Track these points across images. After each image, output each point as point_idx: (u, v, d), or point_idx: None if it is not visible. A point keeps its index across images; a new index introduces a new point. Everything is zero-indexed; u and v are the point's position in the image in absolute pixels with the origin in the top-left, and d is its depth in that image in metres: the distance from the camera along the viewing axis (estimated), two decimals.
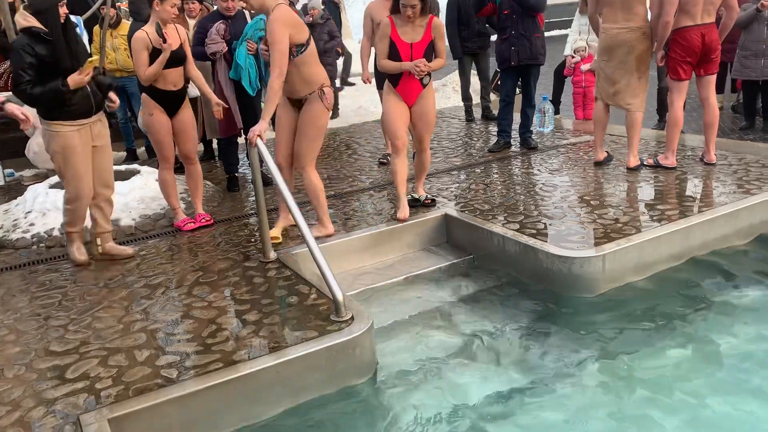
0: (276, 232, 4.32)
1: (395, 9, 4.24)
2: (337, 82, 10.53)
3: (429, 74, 4.35)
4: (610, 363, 3.15)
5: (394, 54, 4.29)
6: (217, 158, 6.94)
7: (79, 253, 4.20)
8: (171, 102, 4.46)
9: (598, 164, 5.58)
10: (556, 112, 8.24)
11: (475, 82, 8.54)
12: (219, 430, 2.73)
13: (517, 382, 3.06)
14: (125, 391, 2.67)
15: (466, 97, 8.13)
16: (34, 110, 3.91)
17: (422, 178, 4.84)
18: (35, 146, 6.26)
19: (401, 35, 4.26)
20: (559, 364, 3.18)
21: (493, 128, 7.11)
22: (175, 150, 4.69)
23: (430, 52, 4.32)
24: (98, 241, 4.25)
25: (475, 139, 7.14)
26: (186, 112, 4.59)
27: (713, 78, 5.18)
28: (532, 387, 3.02)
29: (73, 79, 3.74)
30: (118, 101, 4.19)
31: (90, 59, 3.82)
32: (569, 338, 3.39)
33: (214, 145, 6.96)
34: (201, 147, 6.98)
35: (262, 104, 6.62)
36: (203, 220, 4.80)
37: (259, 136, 3.77)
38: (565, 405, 2.88)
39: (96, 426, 2.45)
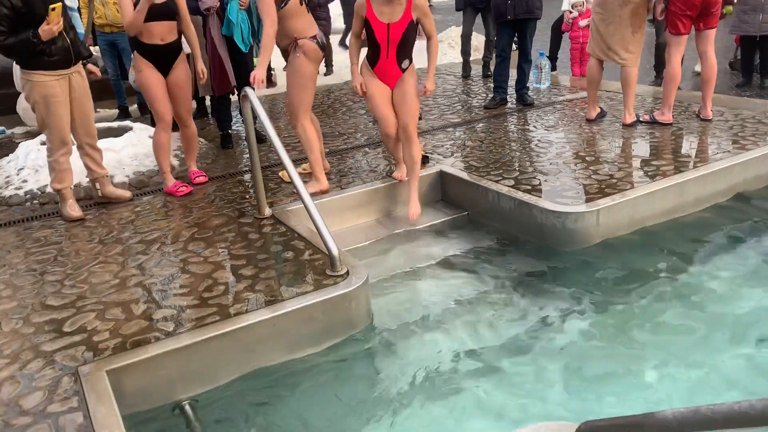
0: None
1: None
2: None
3: (409, 59, 4.02)
4: (603, 315, 3.20)
5: (369, 35, 3.94)
6: (210, 115, 6.87)
7: (72, 209, 4.21)
8: (161, 58, 4.34)
9: (591, 122, 5.55)
10: (553, 68, 8.15)
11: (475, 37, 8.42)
12: (217, 381, 2.77)
13: (511, 334, 3.10)
14: (123, 344, 2.70)
15: (465, 51, 8.01)
16: None
17: (416, 178, 4.24)
18: (24, 103, 6.18)
19: (378, 15, 3.85)
20: (551, 316, 3.22)
21: (491, 85, 7.05)
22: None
23: (411, 34, 3.93)
24: (96, 185, 4.39)
25: (472, 95, 7.07)
26: (180, 71, 4.43)
27: (713, 32, 5.12)
28: (525, 338, 3.07)
29: (43, 30, 3.78)
30: (98, 73, 4.34)
31: (52, 6, 3.76)
32: (562, 292, 3.42)
33: (208, 102, 6.88)
34: (194, 104, 6.91)
35: (256, 61, 6.57)
36: (198, 178, 4.77)
37: (261, 81, 3.88)
38: (558, 356, 2.93)
39: (94, 377, 2.48)
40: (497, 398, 2.68)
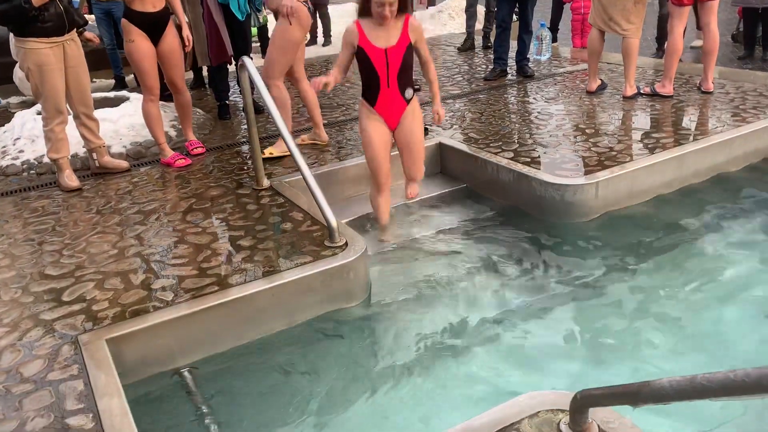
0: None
1: (364, 11, 3.39)
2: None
3: (411, 87, 3.54)
4: (600, 286, 3.22)
5: (366, 65, 3.44)
6: (207, 86, 6.80)
7: (69, 179, 4.19)
8: (152, 26, 4.27)
9: (591, 94, 5.51)
10: (554, 39, 8.07)
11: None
12: (216, 349, 2.79)
13: (508, 305, 3.12)
14: (122, 313, 2.71)
15: (470, 16, 7.91)
16: None
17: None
18: (21, 71, 6.12)
19: (373, 40, 3.39)
20: (549, 287, 3.24)
21: (491, 56, 6.98)
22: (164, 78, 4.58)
23: (411, 59, 3.47)
24: (93, 155, 4.38)
25: (472, 67, 7.01)
26: (171, 38, 4.37)
27: (716, 4, 5.05)
28: (522, 309, 3.08)
29: None
30: (96, 40, 4.25)
31: None
32: (560, 264, 3.44)
33: (205, 72, 6.81)
34: (191, 74, 6.84)
35: (253, 29, 6.49)
36: (196, 149, 4.75)
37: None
38: (556, 326, 2.96)
39: (94, 346, 2.49)
40: (495, 367, 2.71)
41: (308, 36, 9.77)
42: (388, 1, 3.24)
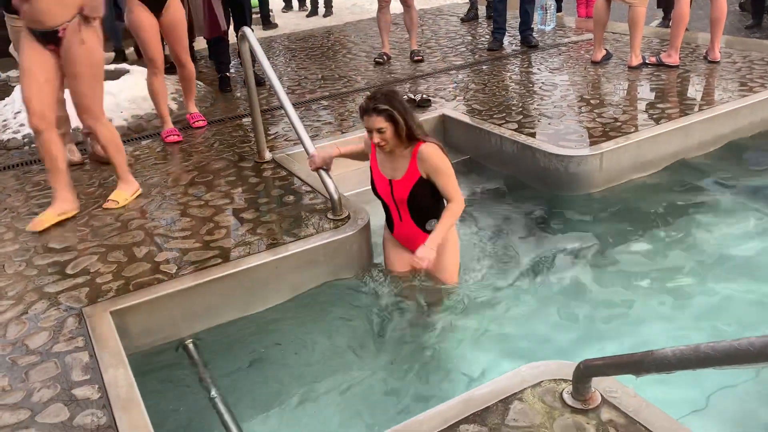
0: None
1: None
2: None
3: (435, 218, 2.82)
4: (604, 257, 3.21)
5: (373, 187, 2.93)
6: (209, 58, 6.73)
7: (72, 155, 4.13)
8: None
9: (596, 64, 5.44)
10: (559, 9, 7.93)
11: None
12: (219, 320, 2.80)
13: (511, 276, 3.11)
14: (126, 286, 2.72)
15: None
16: None
17: None
18: None
19: (380, 166, 2.84)
20: (552, 258, 3.23)
21: None
22: (166, 50, 4.52)
23: (424, 193, 2.75)
24: (88, 140, 4.22)
25: (475, 37, 6.92)
26: (173, 10, 4.25)
27: None
28: (525, 280, 3.09)
29: None
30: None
31: None
32: (564, 235, 3.43)
33: (201, 46, 6.71)
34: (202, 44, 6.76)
35: (254, 1, 6.40)
36: (197, 122, 4.71)
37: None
38: (559, 297, 2.96)
39: (99, 318, 2.51)
40: (497, 338, 2.72)
41: (308, 6, 9.67)
42: (375, 128, 2.62)
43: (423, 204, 2.81)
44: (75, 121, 4.36)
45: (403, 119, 2.62)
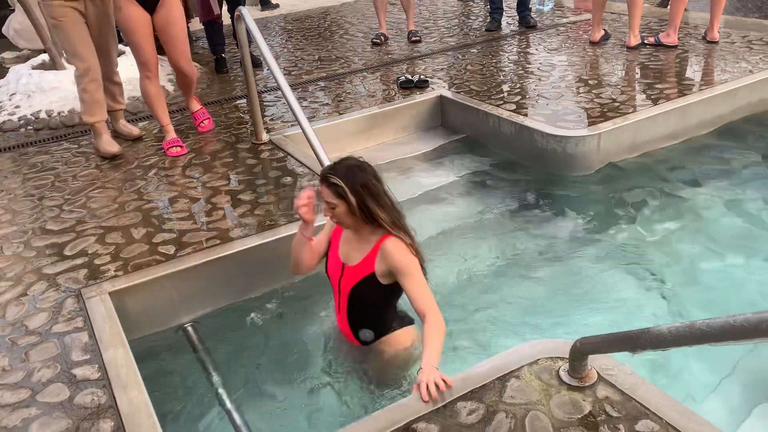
0: None
1: None
2: None
3: (371, 330, 2.32)
4: (603, 237, 3.23)
5: (326, 263, 2.38)
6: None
7: (109, 145, 3.88)
8: None
9: (594, 44, 5.42)
10: None
11: None
12: (218, 303, 2.81)
13: (509, 256, 3.13)
14: (124, 267, 2.72)
15: None
16: None
17: None
18: (16, 24, 6.01)
19: (341, 243, 2.31)
20: (550, 238, 3.24)
21: None
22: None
23: (372, 295, 2.23)
24: (108, 118, 4.11)
25: (473, 18, 6.88)
26: (170, 6, 3.78)
27: None
28: (523, 260, 3.10)
29: None
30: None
31: None
32: (562, 216, 3.44)
33: (196, 27, 6.65)
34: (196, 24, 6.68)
35: None
36: (203, 123, 4.31)
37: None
38: (557, 276, 2.97)
39: (97, 299, 2.51)
40: (494, 317, 2.73)
41: None
42: (324, 200, 2.14)
43: (365, 305, 2.28)
44: (72, 102, 4.36)
45: (358, 200, 2.08)
